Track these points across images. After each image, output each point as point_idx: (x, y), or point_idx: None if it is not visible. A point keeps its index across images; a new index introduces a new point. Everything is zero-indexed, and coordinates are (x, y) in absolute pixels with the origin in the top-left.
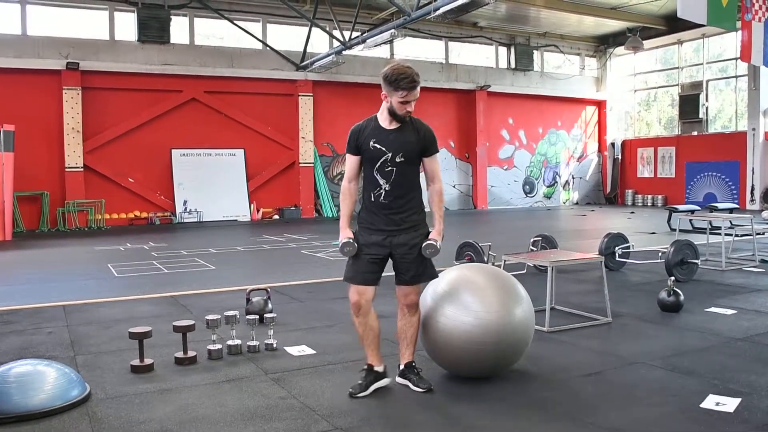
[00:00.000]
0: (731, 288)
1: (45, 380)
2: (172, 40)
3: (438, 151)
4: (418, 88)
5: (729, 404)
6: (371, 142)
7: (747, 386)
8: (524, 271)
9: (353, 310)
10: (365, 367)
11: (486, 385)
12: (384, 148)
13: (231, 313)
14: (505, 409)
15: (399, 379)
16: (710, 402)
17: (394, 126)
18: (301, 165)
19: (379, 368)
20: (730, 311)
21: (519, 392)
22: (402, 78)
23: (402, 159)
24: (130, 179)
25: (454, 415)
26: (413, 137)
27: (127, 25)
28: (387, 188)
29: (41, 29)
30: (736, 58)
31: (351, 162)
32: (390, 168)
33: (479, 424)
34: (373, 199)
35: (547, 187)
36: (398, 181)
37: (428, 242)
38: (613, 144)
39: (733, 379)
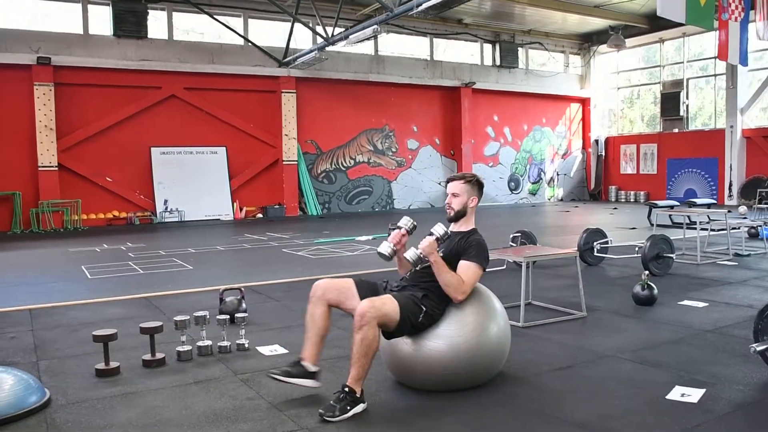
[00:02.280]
0: (704, 281)
1: (0, 387)
2: (150, 35)
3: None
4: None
5: (694, 395)
6: None
7: (712, 377)
8: (504, 267)
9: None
10: (297, 358)
11: None
12: None
13: (200, 313)
14: (473, 405)
15: None
16: (676, 393)
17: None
18: (284, 163)
19: (309, 366)
20: (701, 304)
21: (488, 387)
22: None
23: None
24: (108, 178)
25: (420, 409)
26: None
27: (101, 19)
28: None
29: (10, 22)
30: (715, 57)
31: None
32: None
33: (446, 420)
34: None
35: (532, 183)
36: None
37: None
38: (596, 141)
39: (700, 371)
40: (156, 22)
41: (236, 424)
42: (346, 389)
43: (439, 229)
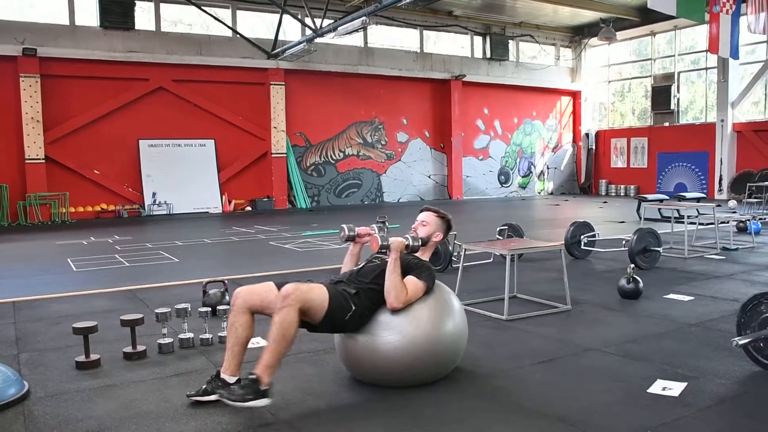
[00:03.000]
0: (691, 275)
1: None
2: (137, 27)
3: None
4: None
5: (675, 389)
6: None
7: (695, 370)
8: (491, 260)
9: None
10: (215, 372)
11: None
12: None
13: (182, 305)
14: (453, 398)
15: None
16: (657, 387)
17: None
18: (273, 155)
19: (228, 378)
20: (687, 297)
21: (469, 380)
22: None
23: None
24: (95, 171)
25: (401, 404)
26: None
27: (88, 10)
28: None
29: None
30: (707, 50)
31: None
32: None
33: (426, 413)
34: None
35: (522, 177)
36: None
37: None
38: (587, 134)
39: (682, 364)
40: (143, 13)
41: (214, 417)
42: (253, 377)
43: (411, 239)
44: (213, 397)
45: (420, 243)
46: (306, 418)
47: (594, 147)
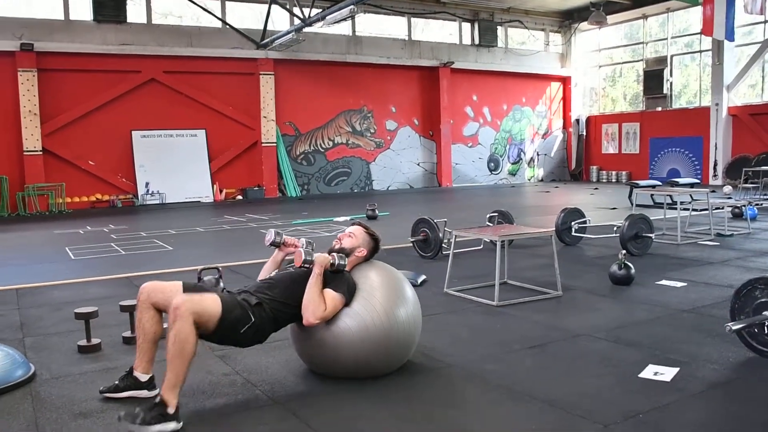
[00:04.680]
0: (684, 261)
1: None
2: (129, 19)
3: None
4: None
5: (667, 374)
6: None
7: (687, 356)
8: (481, 246)
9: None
10: (128, 369)
11: (428, 357)
12: None
13: None
14: (443, 381)
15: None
16: (649, 372)
17: None
18: (263, 145)
19: (140, 376)
20: (680, 284)
21: (460, 364)
22: None
23: None
24: (90, 162)
25: (390, 387)
26: None
27: (82, 5)
28: None
29: None
30: (700, 33)
31: None
32: None
33: (417, 395)
34: None
35: (512, 164)
36: None
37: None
38: (577, 120)
39: (675, 350)
40: (135, 6)
41: (212, 399)
42: (157, 400)
43: (338, 257)
44: (125, 394)
45: (345, 263)
46: (298, 399)
47: (585, 133)
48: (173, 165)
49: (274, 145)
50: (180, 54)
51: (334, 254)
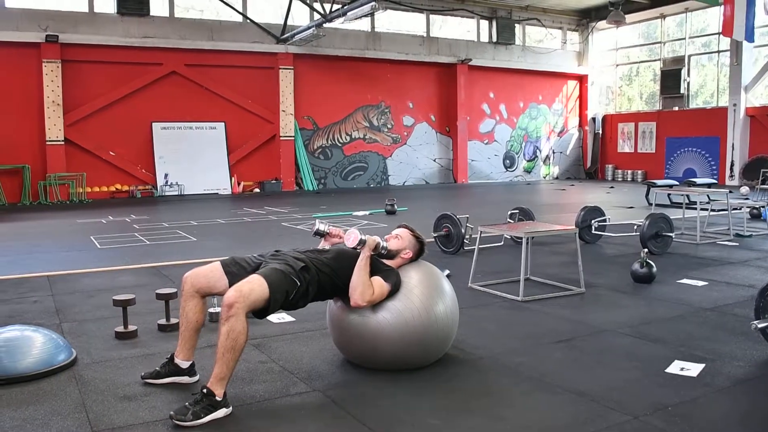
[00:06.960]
0: (704, 261)
1: (33, 345)
2: (152, 13)
3: None
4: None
5: (693, 369)
6: None
7: (712, 353)
8: (502, 243)
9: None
10: (170, 356)
11: (459, 350)
12: None
13: None
14: (475, 372)
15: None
16: (675, 367)
17: None
18: (281, 138)
19: (182, 362)
20: (701, 283)
21: (490, 357)
22: None
23: None
24: (111, 152)
25: (425, 377)
26: None
27: None
28: None
29: (20, 1)
30: (719, 33)
31: None
32: None
33: (451, 385)
34: None
35: (528, 161)
36: None
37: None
38: (593, 119)
39: (699, 347)
40: (157, 0)
41: (251, 385)
42: (205, 391)
43: (384, 242)
44: (166, 380)
45: (388, 246)
46: (336, 387)
47: (600, 131)
48: (192, 157)
49: (292, 138)
50: (201, 47)
51: (382, 240)
